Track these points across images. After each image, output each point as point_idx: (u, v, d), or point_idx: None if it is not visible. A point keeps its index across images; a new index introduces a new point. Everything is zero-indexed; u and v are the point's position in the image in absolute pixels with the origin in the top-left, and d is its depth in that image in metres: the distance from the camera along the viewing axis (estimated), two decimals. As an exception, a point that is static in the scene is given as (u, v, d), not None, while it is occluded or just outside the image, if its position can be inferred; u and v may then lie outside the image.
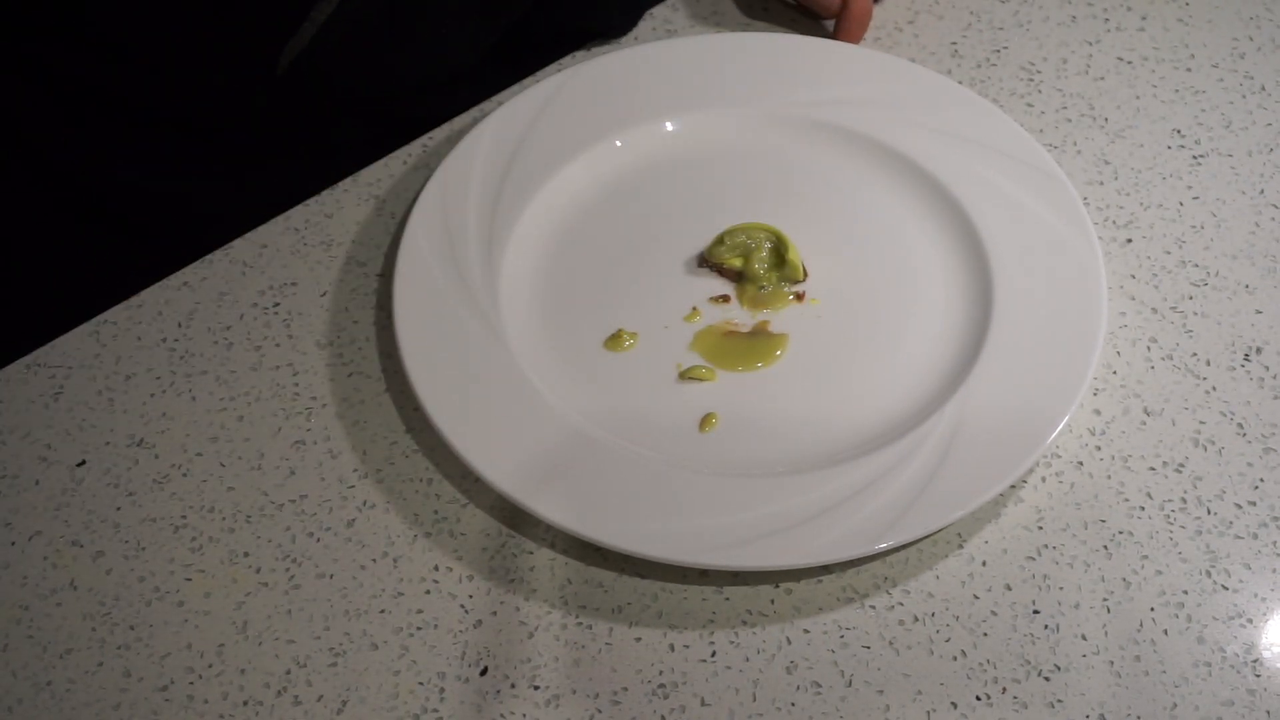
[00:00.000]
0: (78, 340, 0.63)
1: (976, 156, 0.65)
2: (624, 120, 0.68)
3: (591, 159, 0.67)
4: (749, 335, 0.61)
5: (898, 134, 0.67)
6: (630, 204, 0.66)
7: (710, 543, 0.52)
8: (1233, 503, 0.56)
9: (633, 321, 0.61)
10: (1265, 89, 0.73)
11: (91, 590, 0.54)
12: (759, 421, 0.58)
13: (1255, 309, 0.63)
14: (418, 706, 0.51)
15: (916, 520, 0.52)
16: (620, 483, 0.54)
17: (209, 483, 0.58)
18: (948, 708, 0.51)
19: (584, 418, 0.57)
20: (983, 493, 0.53)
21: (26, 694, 0.52)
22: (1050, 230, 0.62)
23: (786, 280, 0.62)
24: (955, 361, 0.59)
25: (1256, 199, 0.68)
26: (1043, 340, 0.58)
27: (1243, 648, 0.52)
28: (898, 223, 0.65)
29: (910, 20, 0.77)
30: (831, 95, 0.69)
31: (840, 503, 0.53)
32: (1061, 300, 0.59)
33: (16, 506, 0.57)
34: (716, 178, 0.67)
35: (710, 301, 0.62)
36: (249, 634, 0.53)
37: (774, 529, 0.52)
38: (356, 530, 0.56)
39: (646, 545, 0.52)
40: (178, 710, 0.51)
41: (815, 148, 0.68)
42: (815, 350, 0.60)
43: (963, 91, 0.69)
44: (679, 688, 0.51)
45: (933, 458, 0.54)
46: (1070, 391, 0.56)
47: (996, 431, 0.55)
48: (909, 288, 0.62)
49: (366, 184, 0.69)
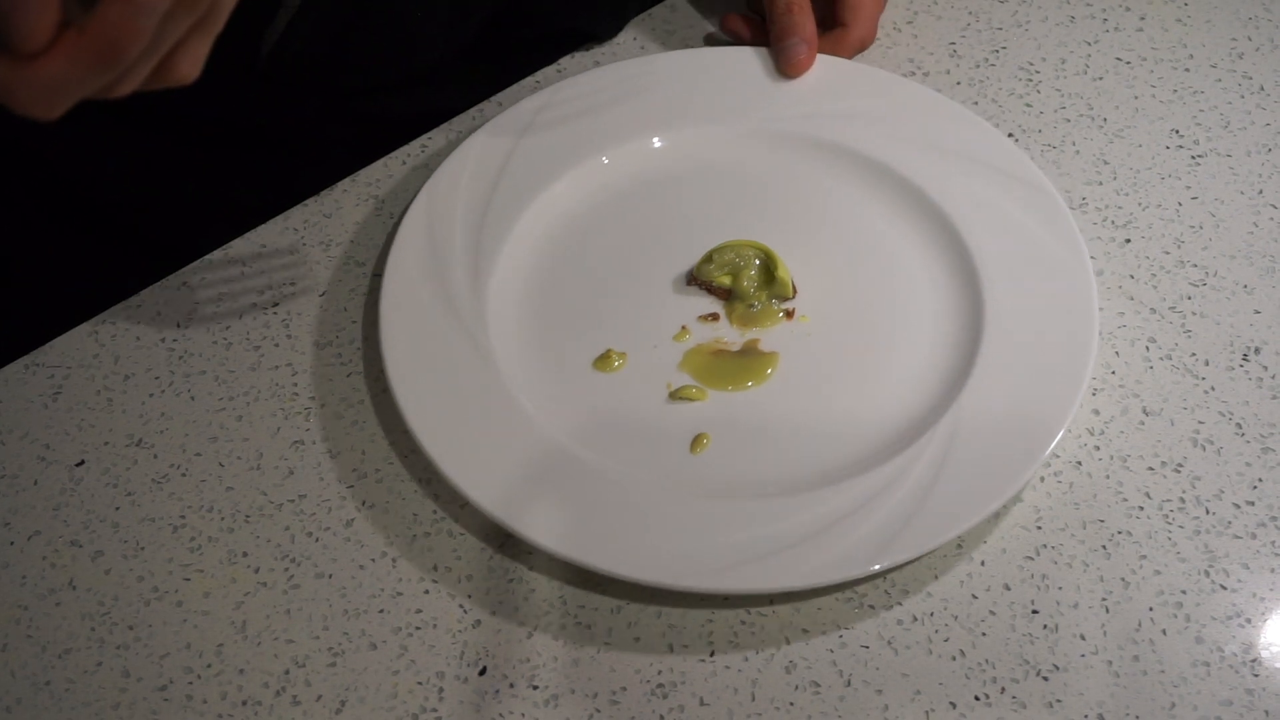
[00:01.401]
0: (77, 340, 0.63)
1: (965, 170, 0.65)
2: (611, 136, 0.67)
3: (578, 176, 0.66)
4: (739, 354, 0.60)
5: (886, 148, 0.66)
6: (618, 221, 0.65)
7: (703, 566, 0.52)
8: (1231, 502, 0.56)
9: (622, 341, 0.61)
10: (1264, 89, 0.73)
11: (90, 590, 0.54)
12: (750, 441, 0.57)
13: (1254, 309, 0.63)
14: (416, 706, 0.51)
15: (911, 540, 0.52)
16: (610, 505, 0.54)
17: (208, 483, 0.58)
18: (946, 707, 0.51)
19: (573, 439, 0.57)
20: (977, 511, 0.53)
21: (26, 694, 0.52)
22: (1040, 244, 0.61)
23: (776, 297, 0.62)
24: (947, 378, 0.58)
25: (1255, 199, 0.68)
26: (1034, 355, 0.58)
27: (1241, 647, 0.52)
28: (887, 238, 0.64)
29: (909, 20, 0.77)
30: (820, 110, 0.68)
31: (834, 523, 0.53)
32: (1053, 315, 0.59)
33: (15, 506, 0.57)
34: (704, 194, 0.66)
35: (699, 320, 0.61)
36: (248, 634, 0.53)
37: (767, 551, 0.52)
38: (355, 530, 0.56)
39: (637, 569, 0.51)
40: (177, 710, 0.51)
41: (803, 163, 0.67)
42: (806, 368, 0.60)
43: (952, 105, 0.68)
44: (678, 687, 0.51)
45: (926, 475, 0.54)
46: (1063, 406, 0.55)
47: (990, 447, 0.55)
48: (899, 303, 0.62)
49: (365, 184, 0.69)
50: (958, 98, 0.72)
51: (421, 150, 0.70)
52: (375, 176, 0.69)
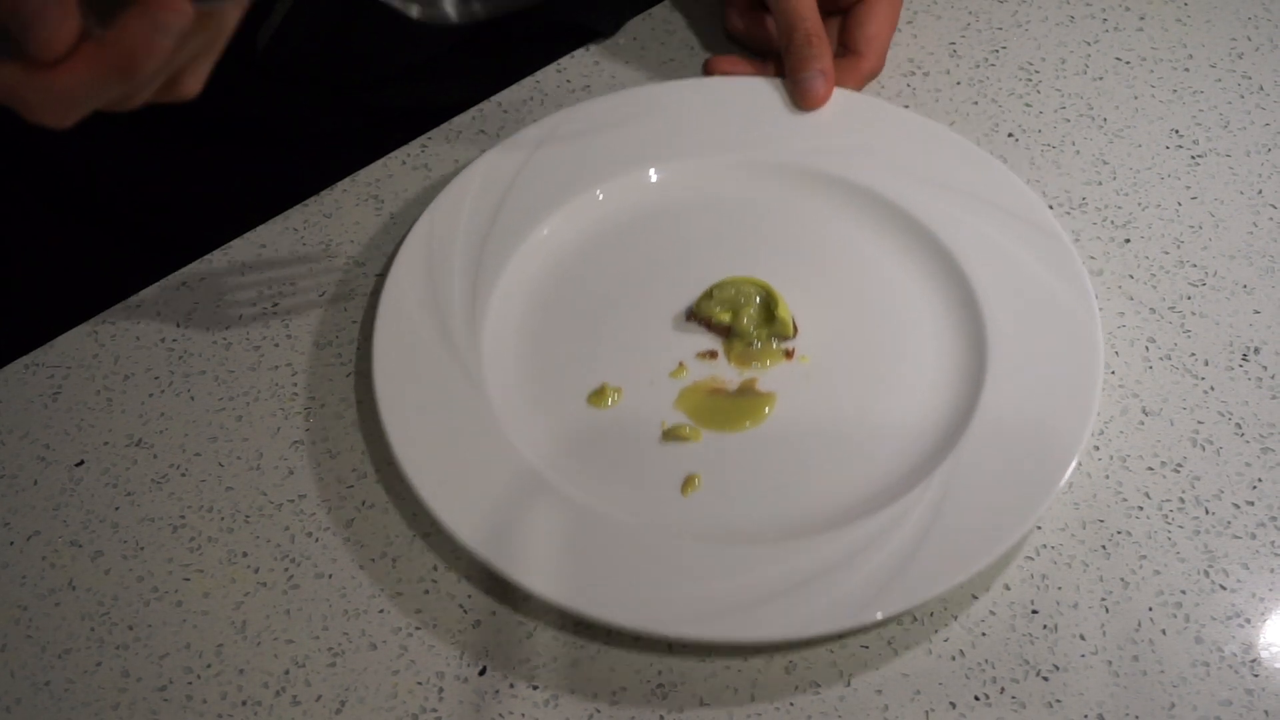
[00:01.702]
0: (76, 340, 0.63)
1: (970, 208, 0.63)
2: (608, 169, 0.66)
3: (575, 209, 0.65)
4: (736, 394, 0.59)
5: (890, 183, 0.65)
6: (617, 254, 0.64)
7: (693, 612, 0.50)
8: (1231, 502, 0.56)
9: (617, 376, 0.59)
10: (1263, 89, 0.73)
11: (90, 590, 0.54)
12: (744, 485, 0.56)
13: (1253, 309, 0.63)
14: (416, 706, 0.51)
15: (908, 589, 0.51)
16: (598, 548, 0.53)
17: (208, 483, 0.58)
18: (946, 707, 0.51)
19: (561, 476, 0.55)
20: (977, 560, 0.51)
21: (25, 694, 0.52)
22: (1046, 287, 0.60)
23: (776, 336, 0.60)
24: (948, 422, 0.57)
25: (1255, 199, 0.68)
26: (1038, 400, 0.56)
27: (1241, 647, 0.52)
28: (890, 276, 0.63)
29: (909, 20, 0.77)
30: (822, 143, 0.67)
31: (827, 571, 0.51)
32: (1057, 356, 0.58)
33: (15, 506, 0.57)
34: (703, 228, 0.65)
35: (698, 357, 0.60)
36: (248, 634, 0.53)
37: (758, 598, 0.51)
38: (355, 530, 0.56)
39: (625, 615, 0.50)
40: (176, 710, 0.51)
41: (805, 197, 0.65)
42: (804, 410, 0.58)
43: (957, 139, 0.66)
44: (678, 688, 0.51)
45: (924, 523, 0.53)
46: (1066, 451, 0.54)
47: (990, 495, 0.53)
48: (901, 344, 0.60)
49: (365, 184, 0.69)
50: (958, 98, 0.72)
51: (422, 150, 0.70)
52: (375, 176, 0.69)
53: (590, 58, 0.75)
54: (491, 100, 0.73)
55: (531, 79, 0.74)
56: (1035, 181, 0.68)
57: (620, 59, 0.75)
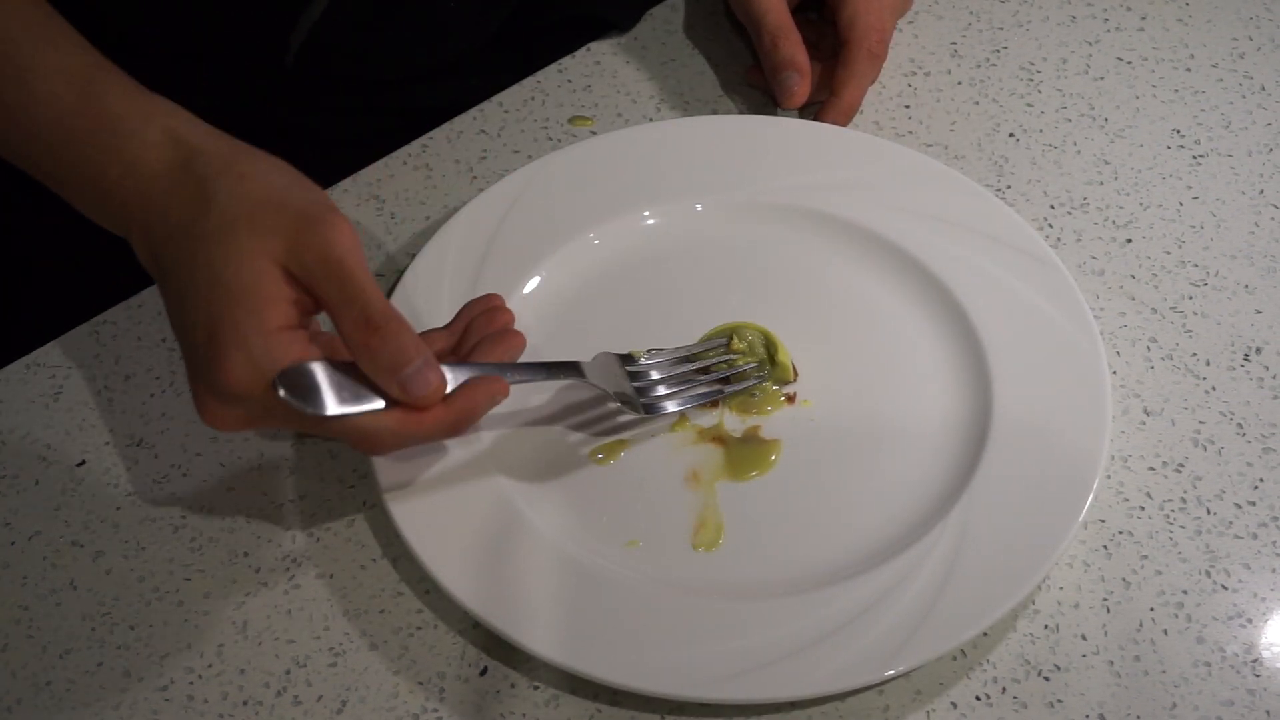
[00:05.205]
0: (78, 340, 0.63)
1: (970, 243, 0.62)
2: (600, 213, 0.64)
3: (568, 255, 0.63)
4: (740, 441, 0.57)
5: (889, 221, 0.63)
6: (611, 302, 0.62)
7: (700, 675, 0.49)
8: (1232, 502, 0.56)
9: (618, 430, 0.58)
10: (1265, 89, 0.73)
11: (91, 590, 0.54)
12: (752, 536, 0.54)
13: (1255, 309, 0.63)
14: (417, 706, 0.51)
15: (925, 643, 0.50)
16: (603, 608, 0.51)
17: (208, 483, 0.58)
18: (947, 707, 0.51)
19: (562, 534, 0.54)
20: (994, 609, 0.50)
21: (26, 694, 0.52)
22: (1049, 322, 0.59)
23: (777, 382, 0.59)
24: (958, 464, 0.56)
25: (1256, 199, 0.68)
26: (1047, 436, 0.55)
27: (1242, 647, 0.52)
28: (891, 316, 0.62)
29: (910, 20, 0.77)
30: (819, 180, 0.65)
31: (842, 627, 0.50)
32: (1064, 395, 0.57)
33: (16, 506, 0.57)
34: (699, 272, 0.64)
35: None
36: (248, 634, 0.53)
37: (770, 659, 0.49)
38: (356, 530, 0.56)
39: (633, 678, 0.49)
40: (177, 710, 0.51)
41: (801, 236, 0.64)
42: (810, 456, 0.57)
43: (954, 175, 0.65)
44: (678, 687, 0.51)
45: (939, 572, 0.52)
46: (1080, 488, 0.53)
47: (1004, 540, 0.52)
48: (904, 385, 0.59)
49: (366, 183, 0.69)
50: (959, 97, 0.72)
51: (422, 150, 0.70)
52: (375, 176, 0.69)
53: (591, 58, 0.75)
54: (492, 100, 0.73)
55: (533, 79, 0.74)
56: (1036, 181, 0.68)
57: (621, 59, 0.75)
